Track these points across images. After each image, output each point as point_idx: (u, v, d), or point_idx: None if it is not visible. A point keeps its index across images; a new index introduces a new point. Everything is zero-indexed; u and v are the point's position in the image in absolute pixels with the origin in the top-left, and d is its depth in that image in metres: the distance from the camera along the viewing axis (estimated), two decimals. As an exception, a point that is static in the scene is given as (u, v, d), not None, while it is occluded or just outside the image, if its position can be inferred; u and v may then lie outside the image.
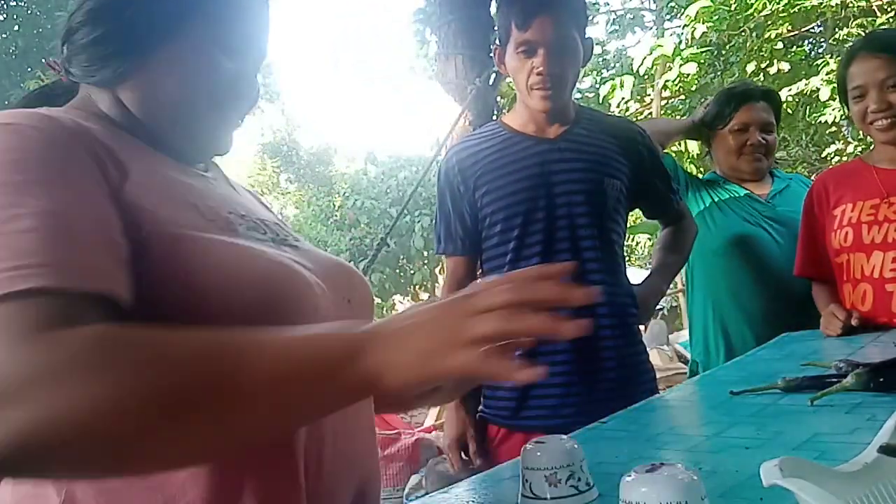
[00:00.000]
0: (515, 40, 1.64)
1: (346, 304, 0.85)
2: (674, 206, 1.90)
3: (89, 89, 0.82)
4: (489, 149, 1.72)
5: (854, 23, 7.08)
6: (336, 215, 10.83)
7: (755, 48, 7.23)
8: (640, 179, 1.76)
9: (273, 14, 0.89)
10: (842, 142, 7.85)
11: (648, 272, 1.90)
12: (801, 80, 6.82)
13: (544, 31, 1.61)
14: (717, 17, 6.92)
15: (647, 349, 1.84)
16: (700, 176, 2.44)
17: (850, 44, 2.36)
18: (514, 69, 1.67)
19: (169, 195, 0.74)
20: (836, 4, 6.94)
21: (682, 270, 2.25)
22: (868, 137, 1.95)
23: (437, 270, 9.49)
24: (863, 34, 6.18)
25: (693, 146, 5.90)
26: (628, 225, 1.79)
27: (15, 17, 10.97)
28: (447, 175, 1.75)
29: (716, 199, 2.23)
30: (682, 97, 8.33)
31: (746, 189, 2.23)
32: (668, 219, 1.95)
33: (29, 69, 9.78)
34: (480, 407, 1.73)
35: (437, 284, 9.64)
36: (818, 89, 6.56)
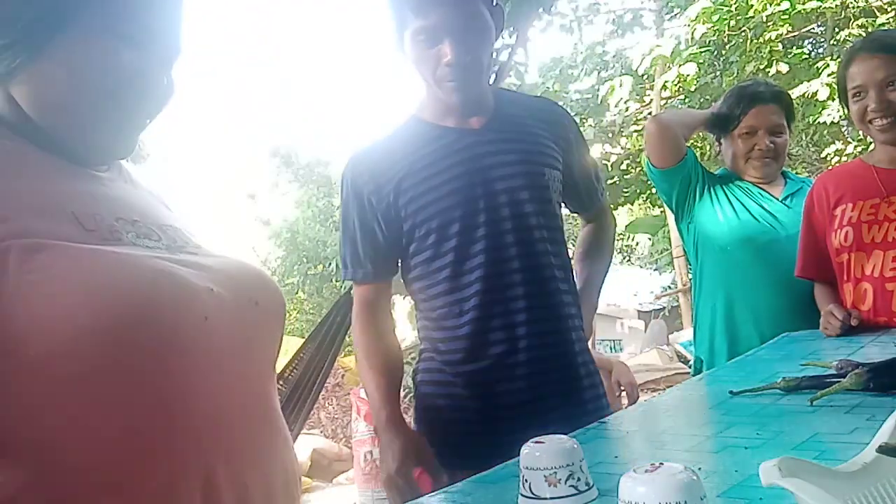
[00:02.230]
0: (413, 28, 1.37)
1: (252, 305, 0.81)
2: (599, 199, 1.68)
3: None
4: (407, 148, 1.45)
5: (854, 23, 7.08)
6: (335, 216, 10.83)
7: (755, 49, 7.23)
8: (571, 168, 1.55)
9: (192, 9, 0.82)
10: (841, 142, 7.85)
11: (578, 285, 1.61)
12: (801, 81, 6.82)
13: (447, 16, 1.34)
14: (717, 17, 6.93)
15: (647, 349, 1.82)
16: (713, 172, 2.43)
17: (851, 44, 2.35)
18: (416, 59, 1.41)
19: (42, 206, 0.70)
20: (837, 5, 6.94)
21: (689, 268, 2.23)
22: (868, 137, 1.95)
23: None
24: (863, 35, 6.18)
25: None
26: (627, 224, 1.76)
27: None
28: (354, 185, 1.47)
29: (729, 196, 2.21)
30: (682, 97, 8.33)
31: (760, 188, 2.21)
32: (591, 214, 1.71)
33: None
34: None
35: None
36: (817, 92, 6.56)
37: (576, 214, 1.73)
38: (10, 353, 0.64)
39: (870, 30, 6.58)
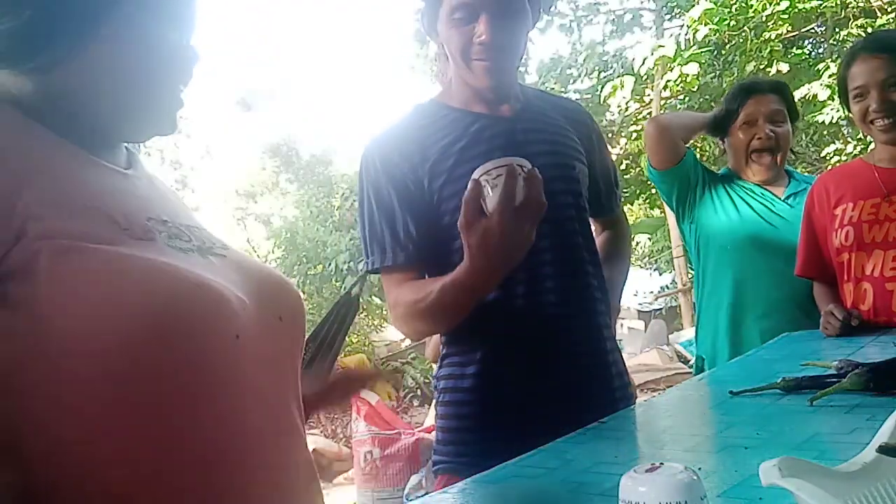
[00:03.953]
0: (449, 4, 1.32)
1: (276, 321, 0.78)
2: (618, 204, 1.64)
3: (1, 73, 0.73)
4: (437, 132, 1.37)
5: (854, 23, 7.09)
6: (335, 216, 10.83)
7: (755, 49, 7.24)
8: (593, 168, 1.50)
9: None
10: (841, 141, 7.86)
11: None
12: (801, 81, 6.83)
13: None
14: (718, 17, 6.93)
15: (647, 349, 1.81)
16: (715, 171, 2.42)
17: (851, 44, 2.34)
18: (448, 38, 1.35)
19: (74, 203, 0.68)
20: (836, 5, 6.94)
21: (689, 267, 2.22)
22: (868, 137, 1.96)
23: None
24: (863, 35, 6.19)
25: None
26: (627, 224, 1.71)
27: None
28: (385, 165, 1.35)
29: (731, 195, 2.20)
30: (682, 97, 8.34)
31: (762, 188, 2.20)
32: (609, 219, 1.65)
33: None
34: (441, 460, 1.41)
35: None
36: (816, 95, 6.57)
37: (592, 218, 1.62)
38: (33, 363, 0.61)
39: (870, 30, 6.59)
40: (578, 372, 1.37)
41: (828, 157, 7.80)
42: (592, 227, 1.58)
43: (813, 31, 8.01)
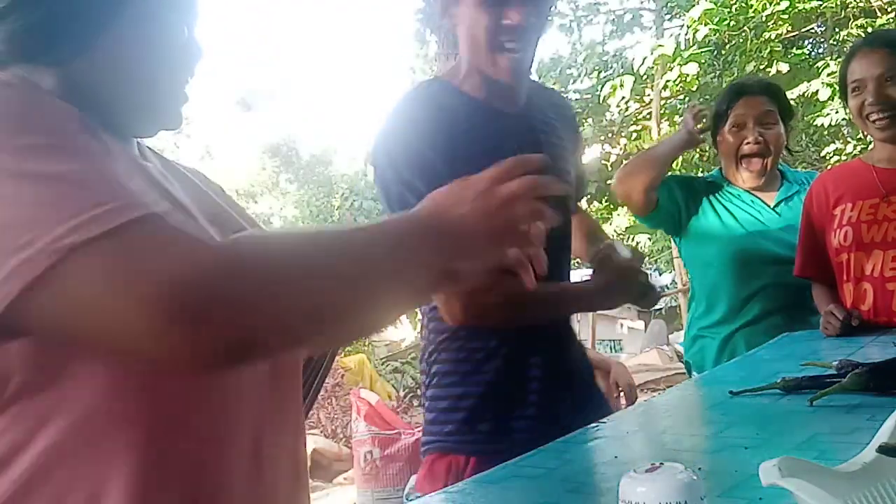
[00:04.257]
0: None
1: None
2: (583, 196, 1.66)
3: (22, 67, 0.74)
4: (456, 118, 1.32)
5: (854, 23, 7.10)
6: (335, 216, 10.85)
7: (755, 49, 7.24)
8: (575, 167, 1.50)
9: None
10: (841, 141, 7.86)
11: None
12: (801, 81, 6.83)
13: None
14: (718, 17, 6.94)
15: (647, 349, 1.81)
16: (702, 175, 2.39)
17: (852, 44, 2.33)
18: (472, 23, 1.29)
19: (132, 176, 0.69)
20: (836, 5, 6.95)
21: (687, 269, 2.21)
22: (868, 137, 1.95)
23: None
24: (863, 35, 6.20)
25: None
26: (627, 226, 1.72)
27: None
28: (422, 136, 1.29)
29: (716, 209, 2.16)
30: (682, 97, 8.34)
31: (752, 194, 2.16)
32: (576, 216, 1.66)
33: None
34: (432, 440, 1.41)
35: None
36: (817, 92, 6.57)
37: None
38: None
39: (870, 30, 6.59)
40: (562, 356, 1.41)
41: (828, 157, 7.80)
42: None
43: (813, 31, 8.01)
